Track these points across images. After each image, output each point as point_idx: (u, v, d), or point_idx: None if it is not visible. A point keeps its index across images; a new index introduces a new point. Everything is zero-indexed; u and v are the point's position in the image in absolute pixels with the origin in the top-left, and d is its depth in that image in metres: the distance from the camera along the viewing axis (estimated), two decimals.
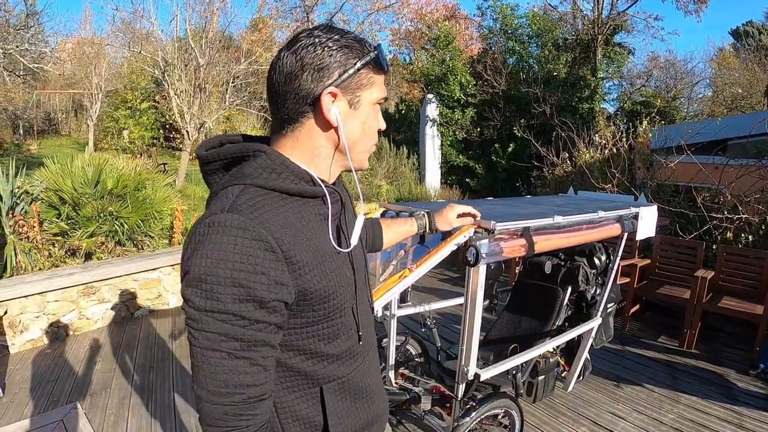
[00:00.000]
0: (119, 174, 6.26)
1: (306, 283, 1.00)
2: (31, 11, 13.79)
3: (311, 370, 1.10)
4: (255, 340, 0.93)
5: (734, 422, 3.48)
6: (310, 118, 1.06)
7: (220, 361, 0.91)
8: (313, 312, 1.05)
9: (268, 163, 1.03)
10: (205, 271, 0.89)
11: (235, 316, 0.90)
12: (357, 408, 1.21)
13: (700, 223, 5.76)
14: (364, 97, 1.09)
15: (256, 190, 1.00)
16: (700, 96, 22.34)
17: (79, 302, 5.03)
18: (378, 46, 1.09)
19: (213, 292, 0.89)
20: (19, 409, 3.56)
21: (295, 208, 1.04)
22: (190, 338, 0.93)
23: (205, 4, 12.84)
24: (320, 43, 1.02)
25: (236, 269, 0.89)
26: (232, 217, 0.92)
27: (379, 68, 1.10)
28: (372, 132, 1.15)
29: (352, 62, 1.04)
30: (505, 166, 12.95)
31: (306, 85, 1.02)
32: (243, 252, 0.90)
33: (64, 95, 20.74)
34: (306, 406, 1.12)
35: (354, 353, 1.18)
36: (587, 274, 3.38)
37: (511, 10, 14.65)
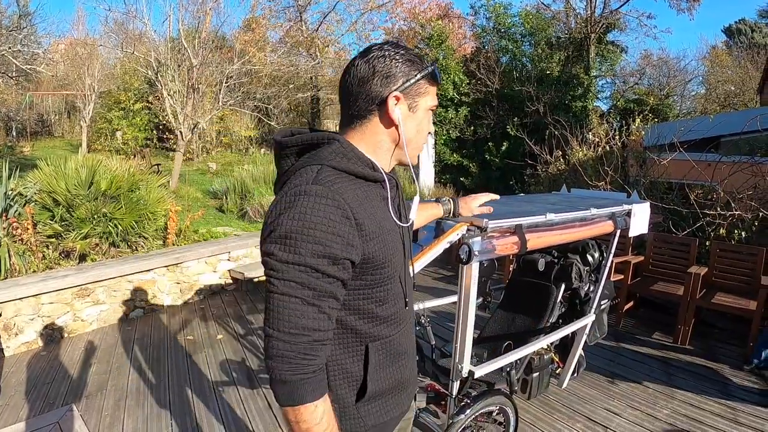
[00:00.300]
0: (113, 175, 6.25)
1: (370, 248, 1.18)
2: (24, 12, 13.74)
3: (362, 329, 1.28)
4: (325, 291, 1.12)
5: (728, 417, 3.51)
6: (375, 116, 1.29)
7: (294, 306, 1.10)
8: (371, 276, 1.23)
9: (340, 150, 1.24)
10: (291, 229, 1.08)
11: (311, 268, 1.09)
12: (392, 368, 1.38)
13: (693, 219, 5.79)
14: (421, 103, 1.33)
15: (331, 170, 1.19)
16: (693, 93, 22.44)
17: (74, 304, 5.03)
18: (434, 62, 1.36)
19: (296, 247, 1.08)
20: (15, 411, 3.55)
21: (362, 187, 1.24)
22: (270, 286, 1.11)
23: (198, 4, 12.77)
24: (389, 55, 1.26)
25: (317, 229, 1.08)
26: (316, 188, 1.12)
27: (434, 81, 1.35)
28: (424, 133, 1.40)
29: (414, 73, 1.28)
30: (499, 164, 12.97)
31: (375, 88, 1.25)
32: (324, 216, 1.09)
33: (57, 96, 20.63)
34: (351, 361, 1.30)
35: (398, 318, 1.37)
36: (580, 271, 3.39)
37: (504, 9, 14.69)
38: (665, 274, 5.48)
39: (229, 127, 19.71)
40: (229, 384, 4.01)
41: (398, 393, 1.43)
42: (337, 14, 20.77)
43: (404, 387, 1.45)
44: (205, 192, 12.22)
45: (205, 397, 3.80)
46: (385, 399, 1.38)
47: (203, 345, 4.80)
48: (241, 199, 10.71)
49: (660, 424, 3.42)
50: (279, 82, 18.82)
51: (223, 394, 3.84)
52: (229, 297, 6.32)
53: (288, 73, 17.68)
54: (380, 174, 1.29)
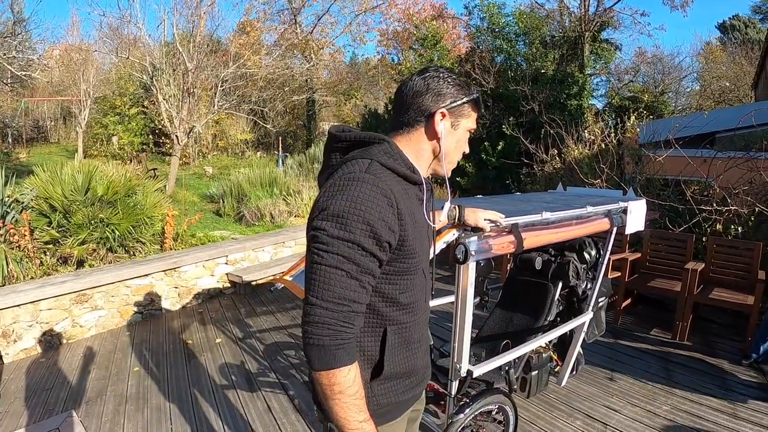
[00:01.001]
0: (109, 180, 6.25)
1: (406, 236, 1.31)
2: (18, 18, 13.70)
3: (384, 312, 1.40)
4: (367, 267, 1.24)
5: (728, 412, 3.52)
6: (422, 127, 1.46)
7: (340, 278, 1.21)
8: (400, 263, 1.36)
9: (388, 150, 1.39)
10: (344, 209, 1.21)
11: (359, 246, 1.21)
12: (407, 353, 1.48)
13: (689, 215, 5.80)
14: (462, 123, 1.50)
15: (379, 165, 1.33)
16: (688, 90, 22.55)
17: (72, 310, 5.02)
18: (479, 92, 1.52)
19: (347, 225, 1.20)
20: (15, 419, 3.55)
21: (402, 185, 1.38)
22: (317, 258, 1.22)
23: (193, 8, 12.77)
24: (443, 77, 1.45)
25: (368, 212, 1.21)
26: (368, 177, 1.26)
27: (476, 107, 1.53)
28: (460, 150, 1.55)
29: (461, 96, 1.46)
30: (495, 164, 12.95)
31: (427, 103, 1.44)
32: (374, 201, 1.22)
33: (53, 102, 20.61)
34: (370, 340, 1.41)
35: (416, 308, 1.49)
36: (578, 269, 3.39)
37: (498, 9, 14.68)
38: (662, 270, 5.50)
39: (225, 130, 19.71)
40: (229, 387, 4.01)
41: (410, 378, 1.52)
42: (331, 16, 20.87)
43: (416, 374, 1.54)
44: (202, 196, 12.21)
45: (205, 400, 3.80)
46: (398, 381, 1.48)
47: (202, 349, 4.80)
48: (237, 202, 10.70)
49: (659, 420, 3.42)
50: (274, 84, 18.85)
51: (222, 398, 3.84)
52: (227, 301, 6.31)
53: (283, 75, 17.71)
54: (419, 177, 1.43)
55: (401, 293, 1.41)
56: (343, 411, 1.23)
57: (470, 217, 2.12)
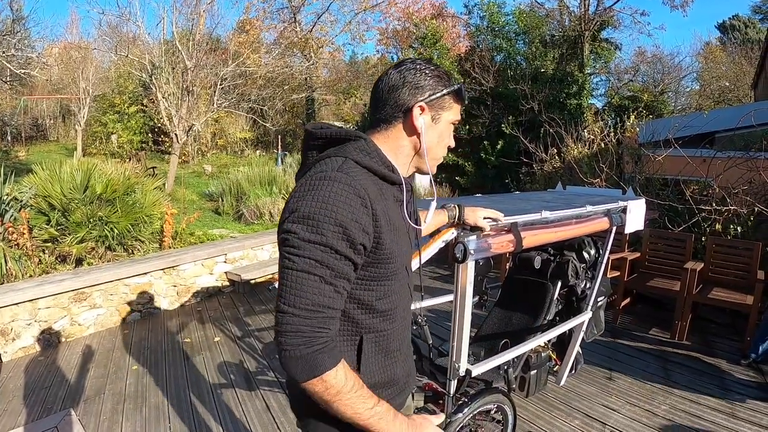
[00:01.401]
0: (108, 179, 6.24)
1: (381, 239, 1.24)
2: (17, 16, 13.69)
3: (360, 319, 1.33)
4: (341, 271, 1.17)
5: (726, 412, 3.52)
6: (400, 122, 1.37)
7: (312, 283, 1.14)
8: (376, 269, 1.28)
9: (364, 147, 1.31)
10: (315, 210, 1.14)
11: (332, 249, 1.14)
12: (384, 363, 1.42)
13: (688, 215, 5.80)
14: (444, 116, 1.41)
15: (353, 163, 1.26)
16: (688, 90, 22.55)
17: (71, 308, 5.01)
18: (461, 84, 1.42)
19: (319, 228, 1.13)
20: (13, 417, 3.54)
21: (379, 185, 1.30)
22: (288, 263, 1.15)
23: (192, 6, 12.77)
24: (420, 69, 1.36)
25: (339, 213, 1.14)
26: (340, 175, 1.18)
27: (459, 98, 1.43)
28: (444, 144, 1.47)
29: (441, 88, 1.37)
30: (495, 163, 12.95)
31: (404, 97, 1.35)
32: (346, 201, 1.15)
33: (52, 101, 20.60)
34: (346, 348, 1.34)
35: (395, 315, 1.41)
36: (577, 268, 3.39)
37: (498, 8, 14.66)
38: (662, 270, 5.50)
39: (224, 129, 19.71)
40: (227, 386, 4.01)
41: (390, 388, 1.45)
42: (331, 15, 20.82)
43: (396, 383, 1.48)
44: (201, 194, 12.21)
45: (203, 399, 3.80)
46: (378, 392, 1.37)
47: (201, 347, 4.80)
48: (236, 201, 10.70)
49: (658, 420, 3.42)
50: (274, 83, 18.83)
51: (221, 397, 3.83)
52: (225, 299, 6.31)
53: (283, 74, 17.68)
54: (398, 176, 1.36)
55: (378, 300, 1.34)
56: (350, 408, 1.20)
57: (470, 216, 2.11)
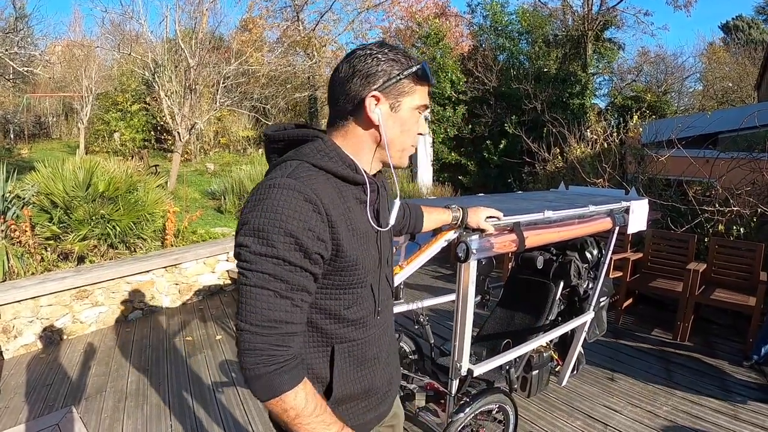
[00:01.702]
0: (111, 177, 6.24)
1: (340, 246, 1.18)
2: (20, 14, 13.70)
3: (327, 329, 1.28)
4: (298, 284, 1.12)
5: (728, 413, 3.50)
6: (356, 116, 1.27)
7: (267, 299, 1.10)
8: (339, 277, 1.22)
9: (322, 147, 1.24)
10: (263, 221, 1.08)
11: (285, 261, 1.09)
12: (361, 373, 1.36)
13: (691, 216, 5.79)
14: (404, 102, 1.29)
15: (309, 166, 1.20)
16: (691, 90, 22.50)
17: (73, 306, 5.02)
18: (423, 62, 1.28)
19: (269, 240, 1.08)
20: (15, 414, 3.55)
21: (338, 187, 1.22)
22: (242, 278, 1.12)
23: (195, 4, 12.74)
24: (371, 54, 1.24)
25: (290, 222, 1.08)
26: (290, 182, 1.12)
27: (420, 79, 1.29)
28: (410, 134, 1.34)
29: (396, 72, 1.25)
30: (497, 162, 12.96)
31: (355, 88, 1.24)
32: (296, 209, 1.09)
33: (55, 98, 20.59)
34: (318, 360, 1.29)
35: (367, 323, 1.35)
36: (579, 268, 3.39)
37: (501, 7, 14.68)
38: (664, 270, 5.48)
39: (227, 127, 19.68)
40: (229, 384, 4.01)
41: (368, 398, 1.41)
42: (334, 13, 20.75)
43: (375, 393, 1.43)
44: (203, 193, 12.20)
45: (205, 397, 3.80)
46: (355, 404, 1.37)
47: (202, 346, 4.80)
48: (239, 199, 10.69)
49: (660, 421, 3.41)
50: (276, 82, 18.81)
51: (222, 395, 3.83)
52: (227, 297, 6.31)
53: (285, 73, 17.66)
54: (361, 176, 1.27)
55: (347, 308, 1.28)
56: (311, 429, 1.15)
57: (473, 219, 2.10)
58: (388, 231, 1.43)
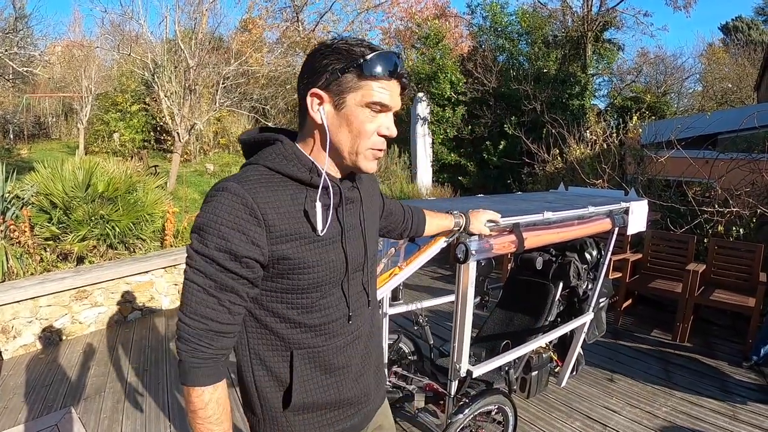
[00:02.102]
0: (110, 177, 6.23)
1: (282, 251, 1.16)
2: (20, 14, 13.73)
3: (284, 333, 1.26)
4: (225, 285, 1.13)
5: (728, 414, 3.51)
6: (307, 117, 1.22)
7: (195, 293, 1.12)
8: (288, 280, 1.21)
9: (281, 150, 1.22)
10: (203, 221, 1.12)
11: (213, 260, 1.11)
12: (326, 382, 1.33)
13: (691, 217, 5.79)
14: (349, 99, 1.17)
15: (264, 169, 1.20)
16: (690, 91, 22.50)
17: (72, 306, 5.01)
18: (378, 53, 1.15)
19: (205, 239, 1.11)
20: (14, 414, 3.54)
21: (294, 191, 1.20)
22: (185, 271, 1.15)
23: (195, 5, 12.78)
24: (319, 51, 1.18)
25: (223, 224, 1.10)
26: (233, 185, 1.13)
27: (366, 73, 1.15)
28: (363, 135, 1.20)
29: (338, 66, 1.14)
30: (497, 163, 12.96)
31: (302, 86, 1.21)
32: (231, 212, 1.10)
33: (54, 99, 20.61)
34: (276, 363, 1.29)
35: (332, 330, 1.31)
36: (578, 269, 3.39)
37: (501, 8, 14.67)
38: (663, 271, 5.49)
39: (227, 127, 19.71)
40: (228, 385, 4.00)
41: (337, 410, 1.37)
42: (333, 14, 20.80)
43: (345, 405, 1.39)
44: (203, 193, 12.20)
45: None
46: (320, 413, 1.35)
47: None
48: None
49: (659, 422, 3.41)
50: (276, 82, 18.84)
51: None
52: None
53: (285, 73, 17.69)
54: (318, 179, 1.21)
55: (303, 314, 1.25)
56: (196, 430, 1.18)
57: (475, 226, 2.09)
58: (363, 238, 1.38)
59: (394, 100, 1.22)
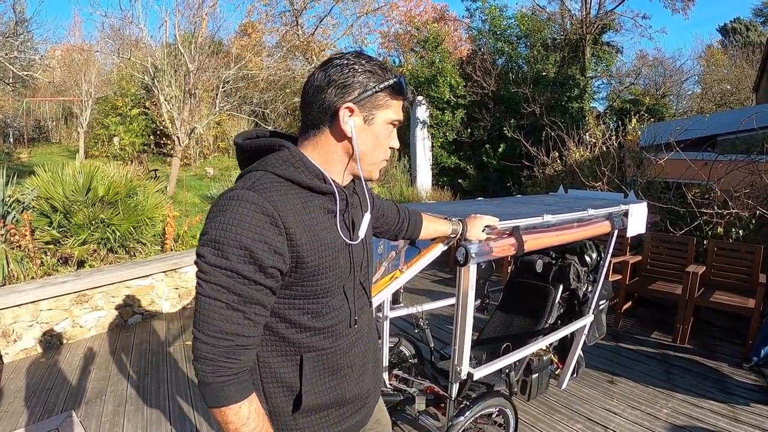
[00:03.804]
0: (110, 181, 6.24)
1: (300, 258, 1.17)
2: (20, 18, 13.73)
3: (295, 339, 1.27)
4: (251, 297, 1.12)
5: (728, 415, 3.51)
6: (328, 127, 1.24)
7: (219, 310, 1.10)
8: (302, 287, 1.22)
9: (288, 157, 1.22)
10: (219, 233, 1.08)
11: (238, 273, 1.09)
12: (333, 382, 1.36)
13: (690, 218, 5.79)
14: (378, 116, 1.26)
15: (273, 176, 1.19)
16: (689, 93, 22.50)
17: (72, 310, 5.02)
18: (400, 75, 1.27)
19: (223, 252, 1.08)
20: (14, 418, 3.54)
21: (303, 198, 1.21)
22: (198, 288, 1.12)
23: (194, 9, 12.79)
24: (348, 65, 1.21)
25: (244, 235, 1.08)
26: (248, 194, 1.12)
27: (396, 93, 1.27)
28: (382, 148, 1.32)
29: (372, 85, 1.22)
30: (496, 166, 12.95)
31: (329, 98, 1.21)
32: (251, 222, 1.09)
33: (54, 103, 20.62)
34: (286, 369, 1.29)
35: (338, 332, 1.34)
36: (578, 271, 3.40)
37: (500, 11, 14.68)
38: (663, 273, 5.49)
39: (227, 131, 19.71)
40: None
41: (342, 407, 1.40)
42: (333, 18, 20.72)
43: (351, 402, 1.42)
44: (203, 197, 12.21)
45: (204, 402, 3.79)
46: (327, 412, 1.37)
47: None
48: None
49: (660, 423, 3.42)
50: (276, 86, 18.83)
51: None
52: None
53: (284, 77, 17.68)
54: (329, 186, 1.25)
55: (313, 318, 1.27)
56: None
57: (472, 233, 2.12)
58: (365, 243, 1.43)
59: (402, 116, 1.34)
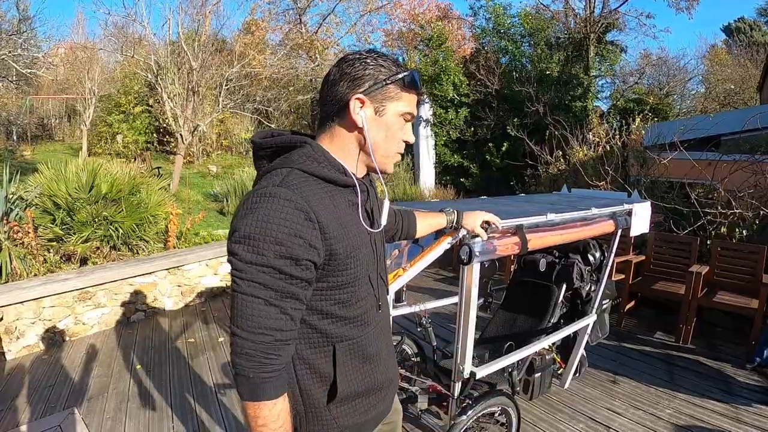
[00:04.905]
0: (113, 178, 6.25)
1: (333, 250, 1.20)
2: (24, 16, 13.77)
3: (326, 329, 1.30)
4: (287, 292, 1.15)
5: (731, 416, 3.50)
6: (342, 119, 1.29)
7: (257, 306, 1.13)
8: (333, 278, 1.25)
9: (311, 153, 1.25)
10: (254, 230, 1.10)
11: (274, 269, 1.12)
12: (364, 370, 1.38)
13: (694, 218, 5.78)
14: (389, 107, 1.30)
15: (300, 173, 1.22)
16: (693, 92, 22.43)
17: (75, 307, 5.02)
18: (413, 70, 1.29)
19: (258, 248, 1.10)
20: (17, 415, 3.55)
21: (329, 191, 1.25)
22: (234, 285, 1.14)
23: (198, 7, 12.80)
24: (361, 59, 1.27)
25: (279, 231, 1.10)
26: (281, 190, 1.14)
27: (408, 87, 1.30)
28: (395, 140, 1.35)
29: (383, 77, 1.26)
30: (500, 165, 12.96)
31: (341, 91, 1.26)
32: (286, 218, 1.11)
33: (57, 100, 20.61)
34: (320, 360, 1.31)
35: (366, 320, 1.38)
36: (582, 271, 3.39)
37: (504, 10, 14.69)
38: (667, 273, 5.47)
39: (230, 129, 19.69)
40: (231, 386, 4.01)
41: (371, 396, 1.43)
42: (336, 16, 20.76)
43: (378, 390, 1.45)
44: (206, 195, 12.22)
45: (207, 399, 3.80)
46: (359, 401, 1.40)
47: (204, 348, 4.80)
48: None
49: (662, 424, 3.41)
50: (279, 84, 18.82)
51: (224, 397, 3.83)
52: (230, 299, 6.30)
53: (288, 75, 17.67)
54: (351, 179, 1.29)
55: (345, 307, 1.31)
56: None
57: (468, 222, 2.09)
58: (382, 231, 1.48)
59: (416, 111, 1.37)
